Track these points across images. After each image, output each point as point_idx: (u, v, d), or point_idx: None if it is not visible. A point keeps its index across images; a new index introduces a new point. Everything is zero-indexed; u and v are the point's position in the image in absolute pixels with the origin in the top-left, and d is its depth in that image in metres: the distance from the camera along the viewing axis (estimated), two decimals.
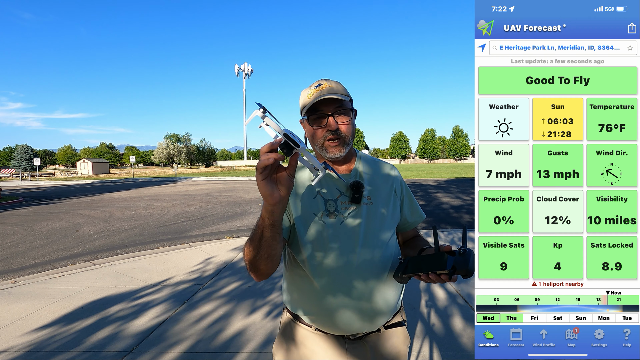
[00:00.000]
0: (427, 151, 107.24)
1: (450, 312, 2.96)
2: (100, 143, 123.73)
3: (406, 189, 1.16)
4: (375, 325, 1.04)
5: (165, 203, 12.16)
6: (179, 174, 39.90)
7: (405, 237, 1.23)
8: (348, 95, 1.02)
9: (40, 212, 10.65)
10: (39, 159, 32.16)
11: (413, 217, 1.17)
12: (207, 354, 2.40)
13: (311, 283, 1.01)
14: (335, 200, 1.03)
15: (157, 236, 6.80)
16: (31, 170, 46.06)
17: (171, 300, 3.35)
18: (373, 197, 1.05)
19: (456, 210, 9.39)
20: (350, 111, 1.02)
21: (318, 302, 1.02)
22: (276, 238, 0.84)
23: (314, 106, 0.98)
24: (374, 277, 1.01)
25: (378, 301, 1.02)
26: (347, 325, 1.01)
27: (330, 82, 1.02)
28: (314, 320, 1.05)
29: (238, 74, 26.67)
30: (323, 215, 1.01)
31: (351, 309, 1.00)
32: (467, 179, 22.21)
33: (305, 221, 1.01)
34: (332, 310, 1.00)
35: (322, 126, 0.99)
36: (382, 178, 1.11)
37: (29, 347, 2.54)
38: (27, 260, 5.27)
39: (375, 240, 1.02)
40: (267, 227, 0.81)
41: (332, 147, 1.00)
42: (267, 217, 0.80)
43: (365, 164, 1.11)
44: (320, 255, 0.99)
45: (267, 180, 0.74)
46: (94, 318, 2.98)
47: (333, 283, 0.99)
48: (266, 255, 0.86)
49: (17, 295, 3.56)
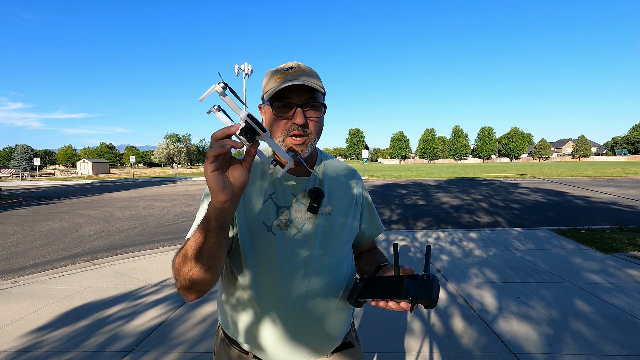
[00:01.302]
0: (427, 151, 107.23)
1: (450, 312, 2.96)
2: (100, 143, 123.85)
3: (367, 199, 1.04)
4: (322, 354, 0.93)
5: (165, 203, 12.15)
6: (179, 174, 39.90)
7: (361, 249, 1.09)
8: (323, 88, 0.86)
9: (40, 212, 10.64)
10: (39, 159, 32.14)
11: (371, 230, 1.06)
12: (207, 354, 2.40)
13: (252, 305, 0.88)
14: (288, 208, 0.88)
15: (157, 236, 6.79)
16: (31, 170, 46.06)
17: (171, 300, 3.35)
18: (332, 207, 0.92)
19: (456, 210, 9.39)
20: (322, 106, 0.87)
21: (258, 328, 0.88)
22: (222, 245, 0.70)
23: (281, 92, 0.82)
24: (326, 302, 0.89)
25: (328, 328, 0.91)
26: (291, 355, 0.89)
27: (305, 67, 0.86)
28: (252, 348, 0.91)
29: (238, 74, 26.54)
30: (274, 225, 0.86)
31: (297, 338, 0.88)
32: (467, 179, 22.20)
33: (251, 231, 0.86)
34: (274, 339, 0.87)
35: (286, 117, 0.83)
36: (344, 185, 0.98)
37: (29, 347, 2.54)
38: (27, 260, 5.27)
39: (330, 259, 0.90)
40: (213, 230, 0.67)
41: (295, 145, 0.83)
42: (214, 218, 0.65)
43: (327, 168, 0.98)
44: (266, 274, 0.86)
45: (219, 172, 0.62)
46: (94, 318, 2.98)
47: (278, 307, 0.86)
48: (207, 266, 0.70)
49: (17, 295, 3.56)
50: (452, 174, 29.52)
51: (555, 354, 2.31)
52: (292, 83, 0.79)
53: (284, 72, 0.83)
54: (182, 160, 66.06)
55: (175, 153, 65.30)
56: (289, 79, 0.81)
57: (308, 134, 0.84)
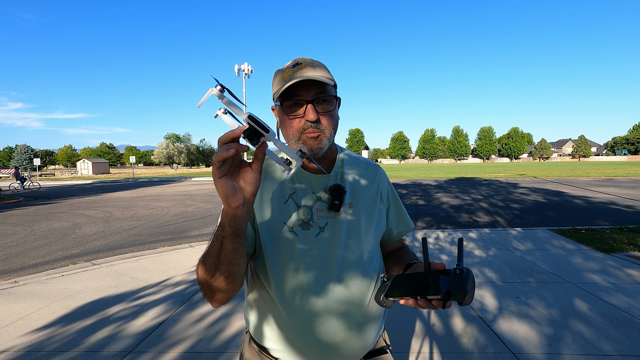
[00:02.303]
0: (427, 151, 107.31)
1: (450, 312, 2.96)
2: (100, 143, 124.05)
3: (393, 194, 1.00)
4: (355, 358, 0.89)
5: (165, 203, 12.16)
6: (179, 174, 39.92)
7: (389, 248, 1.04)
8: (332, 79, 0.83)
9: (40, 212, 10.65)
10: (39, 159, 32.14)
11: (399, 227, 1.01)
12: (207, 354, 2.40)
13: (278, 308, 0.84)
14: (310, 208, 0.85)
15: (157, 236, 6.79)
16: (31, 170, 46.07)
17: (171, 300, 3.35)
18: (355, 203, 0.89)
19: (456, 210, 9.39)
20: (335, 99, 0.83)
21: (286, 333, 0.85)
22: (239, 251, 0.68)
23: (289, 90, 0.79)
24: (354, 304, 0.85)
25: (359, 331, 0.86)
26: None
27: (311, 60, 0.83)
28: (280, 354, 0.87)
29: (238, 74, 26.55)
30: (295, 226, 0.83)
31: (326, 342, 0.84)
32: (467, 179, 22.21)
33: (272, 231, 0.83)
34: (302, 343, 0.84)
35: (298, 115, 0.80)
36: (367, 181, 0.94)
37: (29, 347, 2.54)
38: (27, 260, 5.27)
39: (357, 258, 0.86)
40: (228, 237, 0.65)
41: (311, 139, 0.80)
42: (228, 225, 0.64)
43: (348, 164, 0.94)
44: (290, 276, 0.82)
45: (228, 177, 0.60)
46: (94, 318, 2.98)
47: (304, 310, 0.83)
48: (226, 273, 0.69)
49: (17, 295, 3.56)
50: (452, 174, 29.53)
51: (555, 353, 2.31)
52: (297, 80, 0.77)
53: (290, 70, 0.81)
54: (182, 160, 66.09)
55: (175, 153, 65.35)
56: (294, 76, 0.79)
57: (322, 129, 0.81)
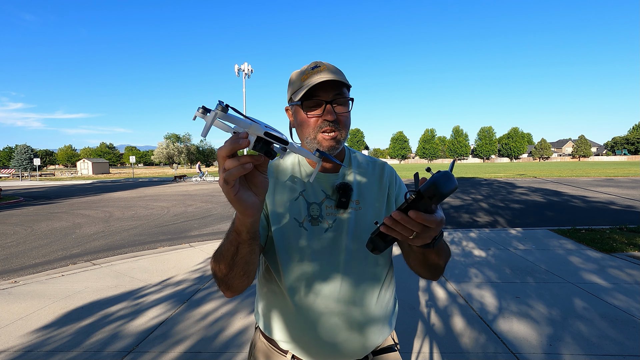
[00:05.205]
0: (427, 151, 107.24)
1: (450, 312, 2.96)
2: (100, 143, 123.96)
3: (401, 189, 0.99)
4: (362, 354, 0.90)
5: (165, 203, 12.15)
6: (179, 174, 39.85)
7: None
8: (348, 82, 0.87)
9: (40, 212, 10.65)
10: (39, 159, 32.16)
11: None
12: (207, 354, 2.40)
13: (287, 302, 0.87)
14: (319, 204, 0.89)
15: (157, 236, 6.79)
16: (31, 170, 46.06)
17: (171, 300, 3.35)
18: (362, 200, 0.92)
19: (456, 210, 9.39)
20: (349, 101, 0.88)
21: (295, 327, 0.87)
22: (255, 251, 0.70)
23: (309, 91, 0.82)
24: (362, 299, 0.87)
25: (367, 325, 0.88)
26: (330, 355, 0.87)
27: (329, 64, 0.87)
28: (290, 347, 0.89)
29: (238, 74, 26.57)
30: (305, 221, 0.87)
31: (334, 336, 0.86)
32: (467, 179, 22.20)
33: (283, 226, 0.87)
34: (310, 337, 0.86)
35: (317, 115, 0.84)
36: (374, 178, 0.97)
37: (29, 347, 2.54)
38: (27, 260, 5.27)
39: (365, 254, 0.88)
40: (246, 241, 0.66)
41: (328, 140, 0.84)
42: (245, 232, 0.65)
43: (355, 162, 0.98)
44: (300, 270, 0.86)
45: (243, 190, 0.57)
46: (94, 318, 2.98)
47: (313, 304, 0.85)
48: (242, 272, 0.72)
49: (17, 295, 3.56)
50: None
51: (555, 353, 2.31)
52: (324, 79, 0.80)
53: (310, 72, 0.85)
54: (182, 160, 66.07)
55: (175, 153, 65.30)
56: (316, 78, 0.82)
57: (339, 129, 0.85)
